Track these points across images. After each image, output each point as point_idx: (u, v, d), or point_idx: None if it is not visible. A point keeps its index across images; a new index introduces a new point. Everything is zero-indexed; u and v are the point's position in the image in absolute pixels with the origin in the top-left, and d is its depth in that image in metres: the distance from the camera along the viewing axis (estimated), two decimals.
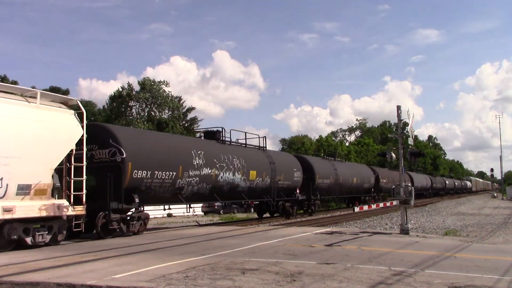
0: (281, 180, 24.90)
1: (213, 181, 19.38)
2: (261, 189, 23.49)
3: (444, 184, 78.30)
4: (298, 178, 27.07)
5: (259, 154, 24.17)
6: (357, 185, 37.79)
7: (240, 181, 21.25)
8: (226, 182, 20.25)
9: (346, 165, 37.56)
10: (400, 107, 16.69)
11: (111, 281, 7.40)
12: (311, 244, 12.47)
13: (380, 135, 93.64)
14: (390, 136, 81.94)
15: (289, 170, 26.16)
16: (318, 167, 30.18)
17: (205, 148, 19.44)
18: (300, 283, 7.24)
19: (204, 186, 18.90)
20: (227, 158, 20.42)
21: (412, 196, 16.18)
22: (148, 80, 49.15)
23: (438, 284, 7.26)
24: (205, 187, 18.96)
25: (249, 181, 21.96)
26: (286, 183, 25.67)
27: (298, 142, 71.82)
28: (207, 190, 19.19)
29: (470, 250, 11.87)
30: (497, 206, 42.62)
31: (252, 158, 22.89)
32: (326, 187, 31.31)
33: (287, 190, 26.08)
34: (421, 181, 60.91)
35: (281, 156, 27.89)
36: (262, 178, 23.19)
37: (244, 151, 22.82)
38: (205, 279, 7.52)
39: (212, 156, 19.45)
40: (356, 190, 38.28)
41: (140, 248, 11.99)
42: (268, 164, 23.90)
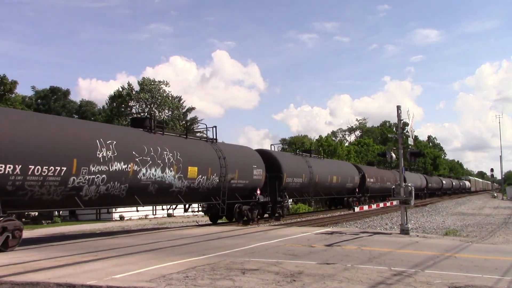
0: (235, 179, 20.84)
1: (131, 179, 15.23)
2: (207, 190, 19.17)
3: (441, 184, 74.40)
4: (259, 177, 22.86)
5: (204, 147, 19.80)
6: (337, 185, 33.77)
7: (173, 179, 17.02)
8: (152, 180, 16.12)
9: (324, 163, 33.46)
10: (400, 107, 16.69)
11: (111, 281, 7.39)
12: (311, 244, 12.47)
13: (380, 135, 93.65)
14: (390, 136, 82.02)
15: (246, 167, 21.93)
16: (287, 164, 26.28)
17: (119, 137, 15.32)
18: (300, 283, 7.24)
19: (117, 186, 14.81)
20: (154, 150, 16.31)
21: (412, 196, 16.18)
22: (147, 80, 49.15)
23: (438, 284, 7.26)
24: (118, 187, 14.86)
25: (187, 179, 17.76)
26: (243, 183, 21.53)
27: (298, 142, 71.81)
28: (122, 190, 15.11)
29: (470, 250, 11.87)
30: (497, 206, 42.61)
31: (193, 152, 18.69)
32: (297, 187, 27.45)
33: (245, 191, 21.98)
34: (415, 180, 56.33)
35: (236, 150, 22.98)
36: (207, 176, 18.88)
37: (181, 143, 18.51)
38: (205, 279, 7.52)
39: (130, 147, 15.41)
40: (337, 191, 34.48)
41: (140, 248, 11.99)
42: (216, 159, 19.62)
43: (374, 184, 40.91)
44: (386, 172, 46.52)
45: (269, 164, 24.24)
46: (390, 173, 46.89)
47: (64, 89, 64.23)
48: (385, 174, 45.34)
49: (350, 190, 36.50)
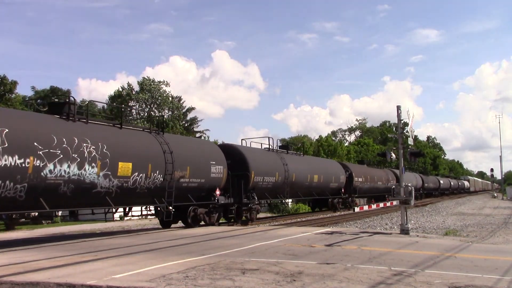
0: (186, 177, 17.72)
1: (31, 177, 12.18)
2: (148, 190, 16.13)
3: (438, 184, 70.73)
4: (219, 175, 19.70)
5: (144, 139, 16.60)
6: (319, 185, 30.47)
7: (96, 178, 13.98)
8: (65, 179, 13.07)
9: (303, 160, 30.18)
10: (400, 107, 16.69)
11: (111, 281, 7.40)
12: (311, 244, 12.47)
13: (380, 135, 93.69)
14: (390, 136, 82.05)
15: (202, 163, 18.82)
16: (255, 161, 22.98)
17: (13, 124, 12.13)
18: (300, 283, 7.24)
19: (10, 186, 11.74)
20: (68, 141, 13.19)
21: (412, 196, 16.18)
22: (147, 80, 49.15)
23: (438, 284, 7.26)
24: (11, 188, 11.79)
25: (117, 178, 14.66)
26: (196, 182, 18.44)
27: (298, 142, 71.83)
28: (20, 192, 12.01)
29: (470, 250, 11.87)
30: (497, 206, 42.60)
31: (127, 144, 15.54)
32: (269, 187, 24.35)
33: (200, 191, 18.94)
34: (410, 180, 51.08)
35: (189, 144, 19.83)
36: (147, 174, 15.77)
37: (111, 134, 15.26)
38: (205, 279, 7.52)
39: (29, 137, 12.27)
40: (319, 191, 31.15)
41: (140, 248, 11.99)
42: (160, 153, 16.50)
43: (362, 184, 38.13)
44: (378, 171, 44.43)
45: (234, 161, 21.40)
46: (381, 172, 45.00)
47: (64, 89, 64.22)
48: (376, 173, 43.10)
49: (335, 191, 33.56)
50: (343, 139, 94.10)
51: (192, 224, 18.69)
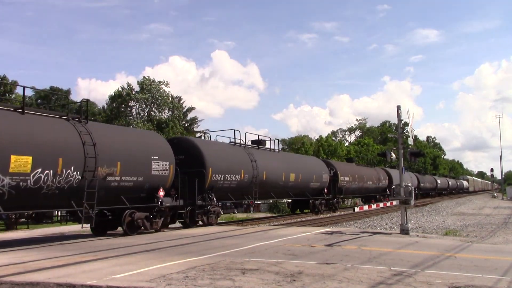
0: (116, 175, 14.83)
1: None
2: (60, 191, 13.29)
3: (435, 184, 67.24)
4: (163, 172, 16.80)
5: (56, 127, 13.74)
6: (297, 185, 27.21)
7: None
8: None
9: (277, 157, 26.59)
10: (400, 107, 16.68)
11: (111, 281, 7.40)
12: (311, 244, 12.47)
13: (380, 135, 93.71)
14: (390, 136, 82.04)
15: (139, 158, 15.86)
16: (214, 157, 19.81)
17: None
18: (300, 283, 7.24)
19: None
20: None
21: (412, 196, 16.18)
22: (147, 80, 49.17)
23: (438, 284, 7.26)
24: None
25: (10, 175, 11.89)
26: (131, 180, 15.41)
27: (298, 142, 71.87)
28: None
29: (470, 250, 11.87)
30: (497, 206, 42.61)
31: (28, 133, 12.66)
32: (233, 187, 21.22)
33: (137, 192, 16.01)
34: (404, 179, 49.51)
35: (121, 135, 16.59)
36: (56, 171, 12.95)
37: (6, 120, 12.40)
38: (205, 279, 7.52)
39: None
40: (297, 192, 27.83)
41: (140, 248, 11.99)
42: (79, 145, 13.79)
43: (350, 184, 34.98)
44: (367, 170, 41.68)
45: (188, 157, 18.83)
46: (372, 171, 42.17)
47: (64, 89, 64.25)
48: (366, 172, 40.01)
49: (317, 191, 30.29)
50: (343, 139, 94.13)
51: (128, 231, 15.71)
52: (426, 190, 62.10)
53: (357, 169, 38.21)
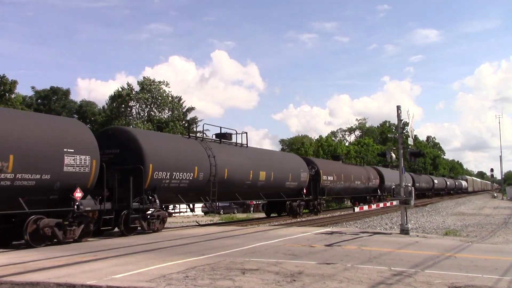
0: (7, 171, 11.61)
1: None
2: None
3: (432, 184, 63.82)
4: (80, 169, 13.48)
5: None
6: (269, 184, 24.19)
7: None
8: None
9: (245, 152, 23.20)
10: (400, 107, 16.69)
11: (111, 281, 7.40)
12: (311, 244, 12.47)
13: (380, 135, 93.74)
14: (390, 136, 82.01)
15: (44, 151, 12.60)
16: (156, 150, 16.73)
17: None
18: (300, 283, 7.24)
19: None
20: None
21: (412, 196, 16.19)
22: (147, 80, 49.20)
23: (438, 284, 7.26)
24: None
25: None
26: (31, 179, 12.20)
27: (298, 142, 71.87)
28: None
29: (470, 250, 11.87)
30: (497, 206, 42.62)
31: None
32: (184, 186, 18.02)
33: (45, 194, 12.80)
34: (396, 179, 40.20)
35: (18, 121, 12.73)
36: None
37: None
38: (205, 279, 7.52)
39: None
40: (269, 192, 24.90)
41: (140, 248, 11.99)
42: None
43: (334, 184, 32.08)
44: (356, 168, 38.81)
45: (124, 150, 15.97)
46: (361, 170, 39.52)
47: (64, 89, 64.31)
48: (354, 171, 37.12)
49: (295, 192, 27.18)
50: (343, 139, 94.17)
51: (31, 243, 12.38)
52: (422, 191, 59.37)
53: (343, 168, 35.31)
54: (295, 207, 27.02)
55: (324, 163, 33.96)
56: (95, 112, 61.74)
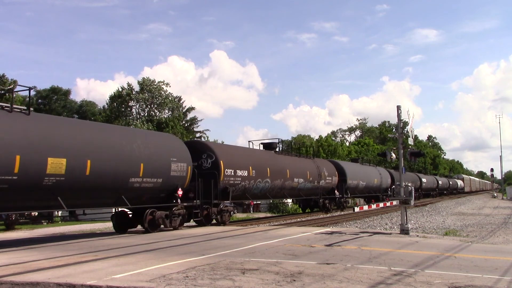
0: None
1: None
2: None
3: (419, 184, 55.84)
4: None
5: None
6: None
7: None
8: None
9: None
10: (400, 107, 16.68)
11: (111, 281, 7.40)
12: (311, 244, 12.47)
13: (380, 134, 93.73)
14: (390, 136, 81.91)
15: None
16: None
17: None
18: (300, 283, 7.24)
19: None
20: None
21: (412, 196, 16.18)
22: (148, 80, 49.22)
23: (438, 284, 7.26)
24: None
25: None
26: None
27: (298, 142, 71.84)
28: None
29: (470, 250, 11.87)
30: (497, 206, 42.62)
31: None
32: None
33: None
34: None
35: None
36: None
37: None
38: (205, 279, 7.52)
39: None
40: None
41: (140, 248, 11.99)
42: None
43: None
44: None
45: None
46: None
47: (64, 89, 64.35)
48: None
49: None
50: (343, 139, 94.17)
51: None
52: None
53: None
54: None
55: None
56: (95, 112, 61.77)
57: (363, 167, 40.21)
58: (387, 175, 44.32)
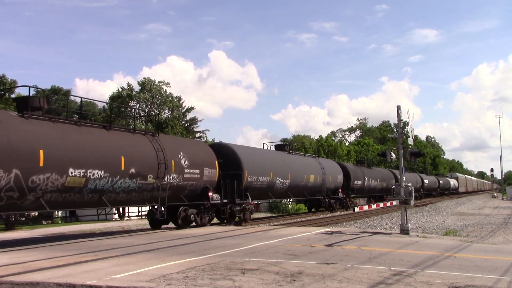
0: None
1: None
2: None
3: (421, 184, 54.04)
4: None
5: None
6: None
7: None
8: None
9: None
10: (400, 107, 16.69)
11: (111, 281, 7.40)
12: (311, 244, 12.47)
13: (380, 134, 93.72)
14: (389, 136, 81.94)
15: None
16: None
17: None
18: (300, 283, 7.24)
19: None
20: None
21: (412, 196, 16.19)
22: (148, 80, 49.22)
23: (438, 284, 7.26)
24: None
25: None
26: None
27: (298, 142, 71.85)
28: None
29: (470, 250, 11.87)
30: (497, 206, 42.63)
31: None
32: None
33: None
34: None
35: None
36: None
37: None
38: (205, 279, 7.52)
39: None
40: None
41: (140, 248, 11.99)
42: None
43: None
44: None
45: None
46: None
47: (65, 89, 64.32)
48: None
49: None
50: (343, 139, 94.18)
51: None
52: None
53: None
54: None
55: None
56: (95, 112, 61.73)
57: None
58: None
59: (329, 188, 32.16)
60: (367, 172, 39.95)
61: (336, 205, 33.39)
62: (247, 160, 21.88)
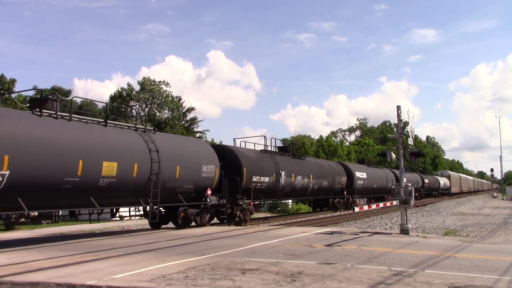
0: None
1: None
2: None
3: (385, 183, 43.86)
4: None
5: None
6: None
7: None
8: None
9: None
10: (400, 107, 16.69)
11: (111, 281, 7.40)
12: (311, 244, 12.47)
13: (380, 134, 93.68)
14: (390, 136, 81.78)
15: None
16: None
17: None
18: (300, 283, 7.24)
19: None
20: None
21: (412, 196, 16.19)
22: (148, 80, 49.21)
23: (438, 284, 7.26)
24: None
25: None
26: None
27: (298, 142, 71.83)
28: None
29: (470, 250, 11.87)
30: (497, 206, 42.62)
31: None
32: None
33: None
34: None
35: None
36: None
37: None
38: (205, 279, 7.52)
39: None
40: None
41: (140, 248, 11.99)
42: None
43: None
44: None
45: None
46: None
47: (65, 89, 64.33)
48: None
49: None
50: (343, 139, 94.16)
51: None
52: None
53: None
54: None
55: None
56: (96, 112, 61.73)
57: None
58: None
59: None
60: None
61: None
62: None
